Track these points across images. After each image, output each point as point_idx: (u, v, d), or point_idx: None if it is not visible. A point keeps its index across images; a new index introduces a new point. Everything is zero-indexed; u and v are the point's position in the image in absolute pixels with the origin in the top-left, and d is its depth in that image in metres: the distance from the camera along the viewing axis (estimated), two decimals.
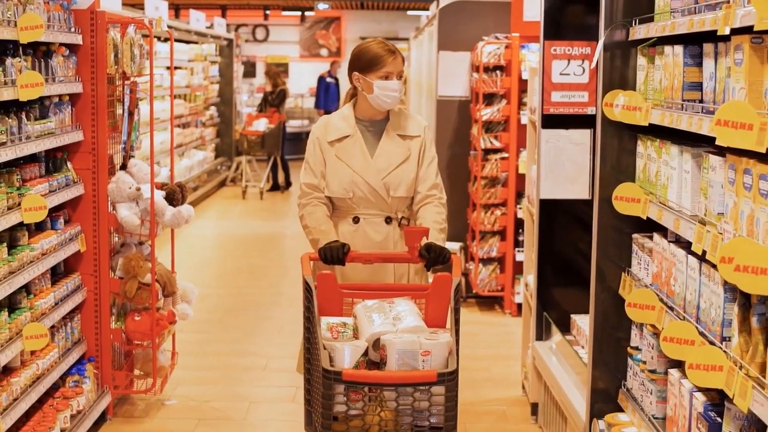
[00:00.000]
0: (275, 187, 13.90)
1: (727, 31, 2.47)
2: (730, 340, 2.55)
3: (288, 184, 14.01)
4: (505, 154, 7.05)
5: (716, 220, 2.64)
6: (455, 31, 7.52)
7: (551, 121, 4.74)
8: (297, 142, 17.75)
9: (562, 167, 4.71)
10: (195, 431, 4.79)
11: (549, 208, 4.86)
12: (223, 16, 18.71)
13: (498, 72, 7.05)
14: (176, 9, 17.96)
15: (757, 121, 2.24)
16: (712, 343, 2.62)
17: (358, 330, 3.22)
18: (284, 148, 14.06)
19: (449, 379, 2.96)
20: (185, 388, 5.37)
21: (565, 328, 4.65)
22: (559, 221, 4.89)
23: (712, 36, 2.68)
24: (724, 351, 2.53)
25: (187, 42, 12.88)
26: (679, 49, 2.95)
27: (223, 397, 5.29)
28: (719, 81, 2.68)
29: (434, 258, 3.52)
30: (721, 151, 2.66)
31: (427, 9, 14.04)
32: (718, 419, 2.67)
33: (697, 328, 2.76)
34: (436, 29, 7.65)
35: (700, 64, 2.87)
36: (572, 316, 4.57)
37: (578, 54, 4.65)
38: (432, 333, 3.16)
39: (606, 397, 3.67)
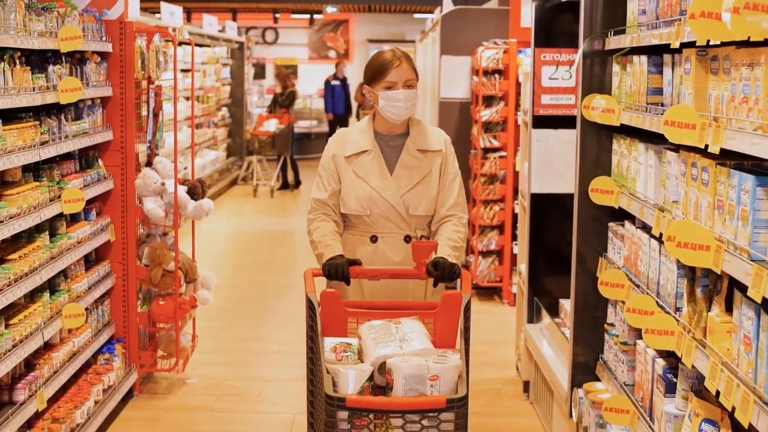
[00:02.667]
0: (285, 186, 14.33)
1: (678, 45, 2.90)
2: (681, 310, 2.97)
3: (297, 182, 14.44)
4: (503, 153, 7.48)
5: (671, 207, 3.06)
6: (457, 36, 7.94)
7: (541, 122, 5.18)
8: (306, 143, 18.21)
9: (551, 164, 5.14)
10: (214, 406, 5.22)
11: (540, 202, 5.28)
12: (234, 19, 19.15)
13: (497, 75, 7.47)
14: (188, 13, 18.41)
15: (699, 121, 2.66)
16: (667, 312, 3.05)
17: (362, 352, 3.07)
18: (293, 148, 14.50)
19: (459, 405, 2.79)
20: (204, 368, 5.80)
21: (554, 312, 5.08)
22: (549, 214, 5.31)
23: (670, 48, 3.10)
24: (676, 319, 2.96)
25: (200, 45, 13.32)
26: (644, 58, 3.37)
27: (240, 377, 5.72)
28: (675, 87, 3.10)
29: (441, 275, 3.36)
30: (678, 148, 3.07)
31: (433, 12, 14.47)
32: (674, 379, 3.09)
33: (657, 301, 3.18)
34: (439, 35, 8.08)
35: (660, 72, 3.28)
36: (560, 300, 5.00)
37: (566, 60, 5.08)
38: (440, 356, 3.01)
39: (586, 369, 4.08)
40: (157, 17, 11.55)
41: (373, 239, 3.62)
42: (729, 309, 2.65)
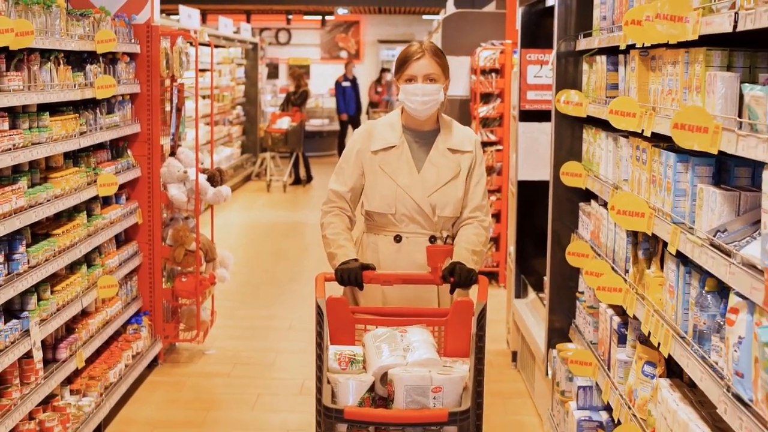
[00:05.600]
0: (297, 181, 14.89)
1: (625, 47, 3.42)
2: (629, 271, 3.50)
3: (309, 178, 14.99)
4: (500, 147, 8.01)
5: (622, 185, 3.59)
6: (457, 38, 8.48)
7: (527, 116, 5.72)
8: (317, 140, 18.77)
9: (536, 154, 5.67)
10: (231, 372, 5.77)
11: (527, 189, 5.81)
12: (248, 20, 19.73)
13: (493, 74, 8.01)
14: (203, 14, 18.97)
15: (638, 110, 3.20)
16: (618, 274, 3.57)
17: (366, 361, 3.00)
18: (305, 146, 15.05)
19: (462, 419, 2.68)
20: (222, 341, 6.36)
21: (539, 288, 5.60)
22: (535, 199, 5.81)
23: (620, 49, 3.62)
24: (624, 278, 3.49)
25: (216, 46, 13.89)
26: (604, 58, 3.90)
27: (254, 348, 6.28)
28: (627, 82, 3.62)
29: (458, 281, 3.26)
30: (628, 135, 3.60)
31: (439, 13, 15.01)
32: (625, 332, 3.62)
33: (612, 266, 3.70)
34: (441, 36, 8.61)
35: (616, 70, 3.81)
36: (545, 278, 5.51)
37: (549, 60, 5.59)
38: (446, 366, 2.93)
39: (560, 333, 4.61)
40: (174, 19, 12.12)
41: (398, 239, 3.51)
42: (663, 267, 3.17)
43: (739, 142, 2.24)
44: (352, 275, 3.27)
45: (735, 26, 2.28)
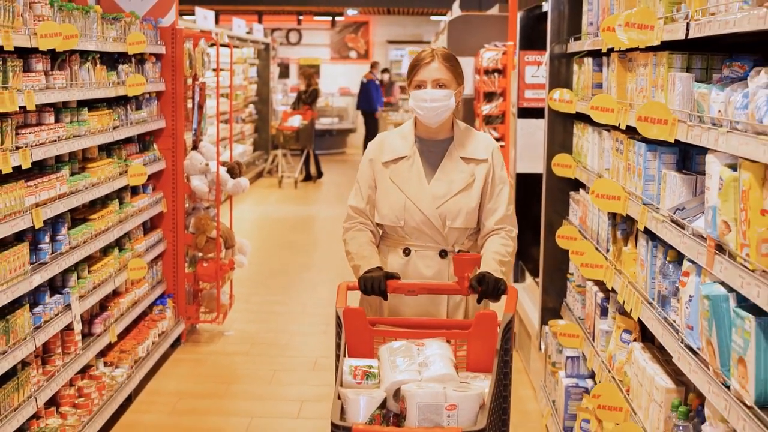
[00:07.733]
0: (308, 178, 15.32)
1: (606, 50, 3.84)
2: (609, 250, 3.91)
3: (319, 174, 15.43)
4: (502, 143, 8.42)
5: (604, 173, 4.00)
6: (462, 39, 8.91)
7: (525, 113, 6.13)
8: (327, 139, 19.22)
9: (533, 148, 6.08)
10: (249, 351, 6.21)
11: (525, 181, 6.23)
12: (259, 21, 20.17)
13: (496, 74, 8.43)
14: (216, 15, 19.41)
15: (616, 106, 3.61)
16: (600, 253, 3.99)
17: (380, 376, 2.88)
18: (315, 143, 15.47)
19: None
20: (240, 324, 6.79)
21: (536, 274, 5.99)
22: (532, 191, 6.23)
23: (601, 52, 4.04)
24: (605, 256, 3.90)
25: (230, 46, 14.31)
26: (590, 59, 4.32)
27: (270, 330, 6.71)
28: (609, 81, 4.04)
29: (485, 291, 3.10)
30: (610, 129, 4.01)
31: (446, 14, 15.42)
32: (607, 305, 4.03)
33: (596, 246, 4.12)
34: (446, 37, 9.04)
35: (600, 70, 4.22)
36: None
37: (543, 61, 6.01)
38: (463, 383, 2.81)
39: (552, 312, 5.03)
40: (188, 19, 12.56)
41: (406, 252, 3.42)
42: (637, 244, 3.59)
43: (689, 132, 2.66)
44: (375, 284, 3.17)
45: (687, 34, 2.70)
